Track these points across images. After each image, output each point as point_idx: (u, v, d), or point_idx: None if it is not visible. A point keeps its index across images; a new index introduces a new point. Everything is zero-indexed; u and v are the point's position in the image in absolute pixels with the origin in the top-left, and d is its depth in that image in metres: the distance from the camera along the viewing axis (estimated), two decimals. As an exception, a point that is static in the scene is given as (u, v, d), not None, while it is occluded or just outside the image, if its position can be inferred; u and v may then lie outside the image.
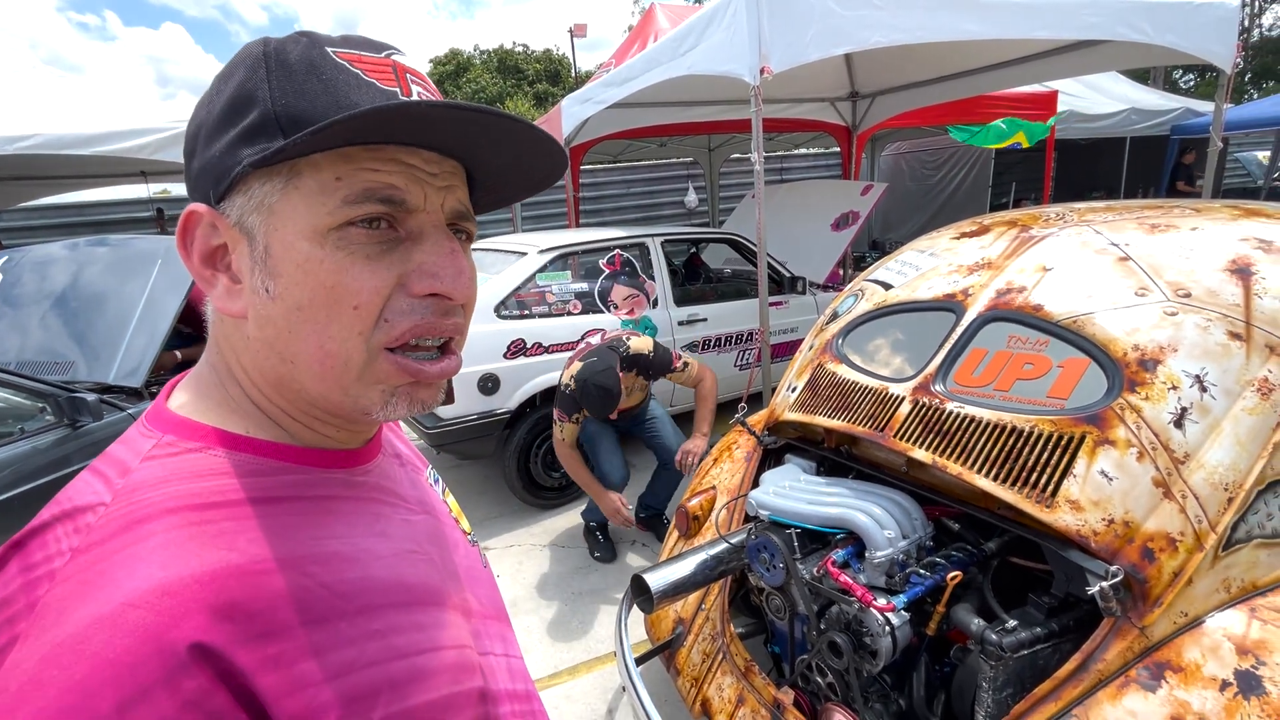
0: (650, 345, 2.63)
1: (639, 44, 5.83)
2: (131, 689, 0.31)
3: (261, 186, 0.40)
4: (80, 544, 0.35)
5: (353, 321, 0.41)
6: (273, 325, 0.42)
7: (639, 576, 1.42)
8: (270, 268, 0.41)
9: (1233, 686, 0.96)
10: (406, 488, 0.53)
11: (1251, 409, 1.13)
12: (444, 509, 0.59)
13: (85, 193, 7.35)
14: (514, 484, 3.31)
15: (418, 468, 0.60)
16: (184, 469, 0.40)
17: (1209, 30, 3.51)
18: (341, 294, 0.40)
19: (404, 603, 0.44)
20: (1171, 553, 1.06)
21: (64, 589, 0.34)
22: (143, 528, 0.36)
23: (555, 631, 2.48)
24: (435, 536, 0.52)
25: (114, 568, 0.34)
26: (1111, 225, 1.55)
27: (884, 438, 1.43)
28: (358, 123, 0.37)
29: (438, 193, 0.44)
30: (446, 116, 0.40)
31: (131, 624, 0.32)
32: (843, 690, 1.32)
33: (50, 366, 2.80)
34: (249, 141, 0.40)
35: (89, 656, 0.31)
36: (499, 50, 22.32)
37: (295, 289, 0.40)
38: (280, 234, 0.40)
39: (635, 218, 9.94)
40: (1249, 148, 10.16)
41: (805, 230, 5.10)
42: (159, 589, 0.34)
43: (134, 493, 0.38)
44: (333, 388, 0.43)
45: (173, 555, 0.35)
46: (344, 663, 0.38)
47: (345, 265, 0.40)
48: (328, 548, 0.42)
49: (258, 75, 0.40)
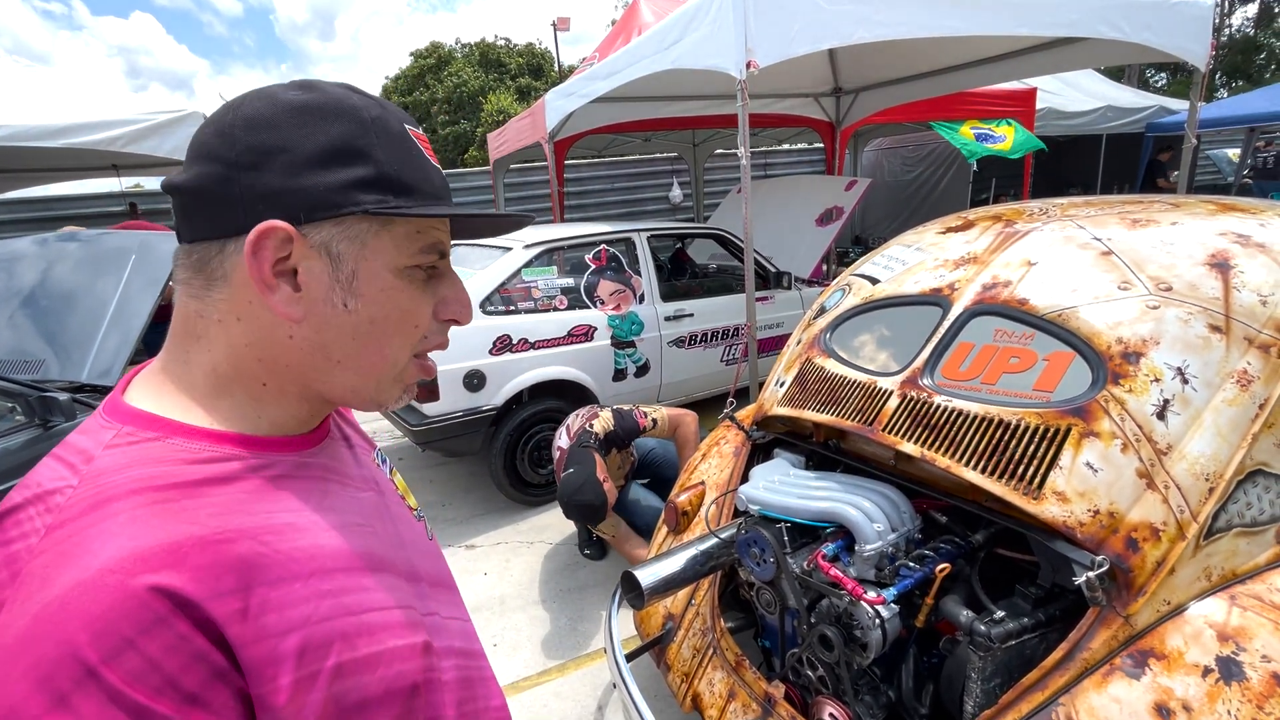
0: (611, 419, 2.58)
1: (623, 38, 5.79)
2: (115, 640, 0.36)
3: (359, 224, 0.48)
4: (53, 521, 0.39)
5: (411, 335, 0.53)
6: (338, 331, 0.49)
7: (629, 573, 1.42)
8: (355, 289, 0.49)
9: (1214, 673, 0.97)
10: (352, 467, 0.59)
11: (1231, 400, 1.15)
12: (390, 486, 0.65)
13: (55, 186, 7.15)
14: (500, 481, 3.29)
15: (365, 449, 0.65)
16: (144, 456, 0.44)
17: (1184, 28, 3.58)
18: (410, 316, 0.52)
19: (351, 568, 0.49)
20: (1155, 542, 1.08)
21: (44, 559, 0.38)
22: (110, 506, 0.40)
23: (545, 629, 2.47)
24: (380, 511, 0.58)
25: (88, 540, 0.38)
26: (1094, 220, 1.57)
27: (872, 432, 1.44)
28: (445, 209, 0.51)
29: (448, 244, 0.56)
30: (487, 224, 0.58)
31: (111, 585, 0.37)
32: (833, 683, 1.33)
33: (20, 365, 2.72)
34: (363, 190, 0.47)
35: (75, 615, 0.35)
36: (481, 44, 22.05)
37: (374, 307, 0.50)
38: (369, 264, 0.49)
39: (620, 213, 9.91)
40: (1220, 145, 10.39)
41: (790, 225, 5.12)
42: (131, 555, 0.38)
43: (99, 477, 0.42)
44: (369, 383, 0.53)
45: (140, 529, 0.39)
46: (300, 617, 0.43)
47: (414, 296, 0.52)
48: (280, 520, 0.47)
49: (368, 137, 0.48)
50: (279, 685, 0.41)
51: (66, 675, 0.34)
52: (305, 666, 0.42)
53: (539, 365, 3.26)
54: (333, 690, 0.43)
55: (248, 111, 0.46)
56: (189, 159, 0.48)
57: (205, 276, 0.48)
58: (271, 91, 0.48)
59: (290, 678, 0.41)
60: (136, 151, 4.43)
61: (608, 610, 1.81)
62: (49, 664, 0.34)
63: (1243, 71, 18.87)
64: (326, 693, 0.43)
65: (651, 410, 2.69)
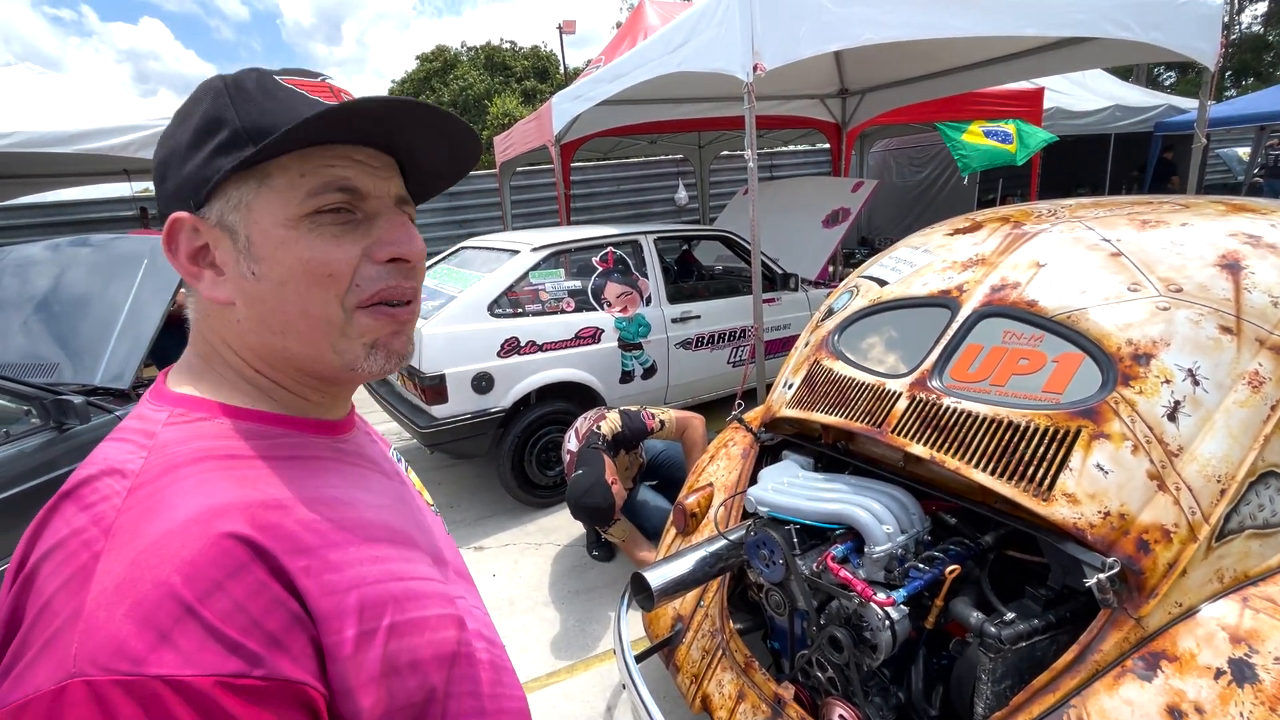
0: (619, 420, 2.58)
1: (629, 40, 5.82)
2: (206, 582, 0.39)
3: (238, 190, 0.48)
4: (133, 484, 0.43)
5: (329, 287, 0.49)
6: (262, 302, 0.49)
7: (639, 574, 1.42)
8: (253, 254, 0.49)
9: (1227, 675, 0.97)
10: (379, 458, 0.62)
11: (1243, 402, 1.15)
12: (409, 481, 0.67)
13: (66, 191, 7.22)
14: (509, 483, 3.30)
15: (383, 446, 0.68)
16: (201, 431, 0.48)
17: (1193, 27, 3.56)
18: (316, 266, 0.49)
19: (392, 539, 0.52)
20: (1166, 544, 1.08)
21: (132, 515, 0.41)
22: (181, 470, 0.44)
23: (553, 630, 2.47)
24: (404, 499, 0.60)
25: (170, 497, 0.42)
26: (1102, 221, 1.57)
27: (881, 433, 1.44)
28: (317, 124, 0.46)
29: (383, 181, 0.52)
30: (375, 112, 0.49)
31: (196, 534, 0.40)
32: (843, 684, 1.33)
33: (34, 369, 2.75)
34: (224, 153, 0.47)
35: (169, 559, 0.38)
36: (486, 47, 22.15)
37: (277, 267, 0.48)
38: (259, 225, 0.48)
39: (626, 215, 9.93)
40: (1230, 144, 10.31)
41: (796, 227, 5.11)
42: (211, 510, 0.41)
43: (165, 448, 0.45)
44: (322, 348, 0.51)
45: (213, 489, 0.43)
46: (358, 578, 0.46)
47: (317, 243, 0.49)
48: (328, 493, 0.50)
49: (222, 102, 0.48)
50: (344, 637, 0.43)
51: (167, 613, 0.37)
52: (365, 622, 0.45)
53: (546, 367, 3.27)
54: (389, 648, 0.45)
55: (160, 137, 0.52)
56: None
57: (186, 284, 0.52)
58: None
59: (354, 630, 0.44)
60: (147, 156, 4.47)
61: (616, 611, 1.82)
62: (150, 604, 0.37)
63: (1253, 70, 18.72)
64: (383, 650, 0.45)
65: (659, 412, 2.69)
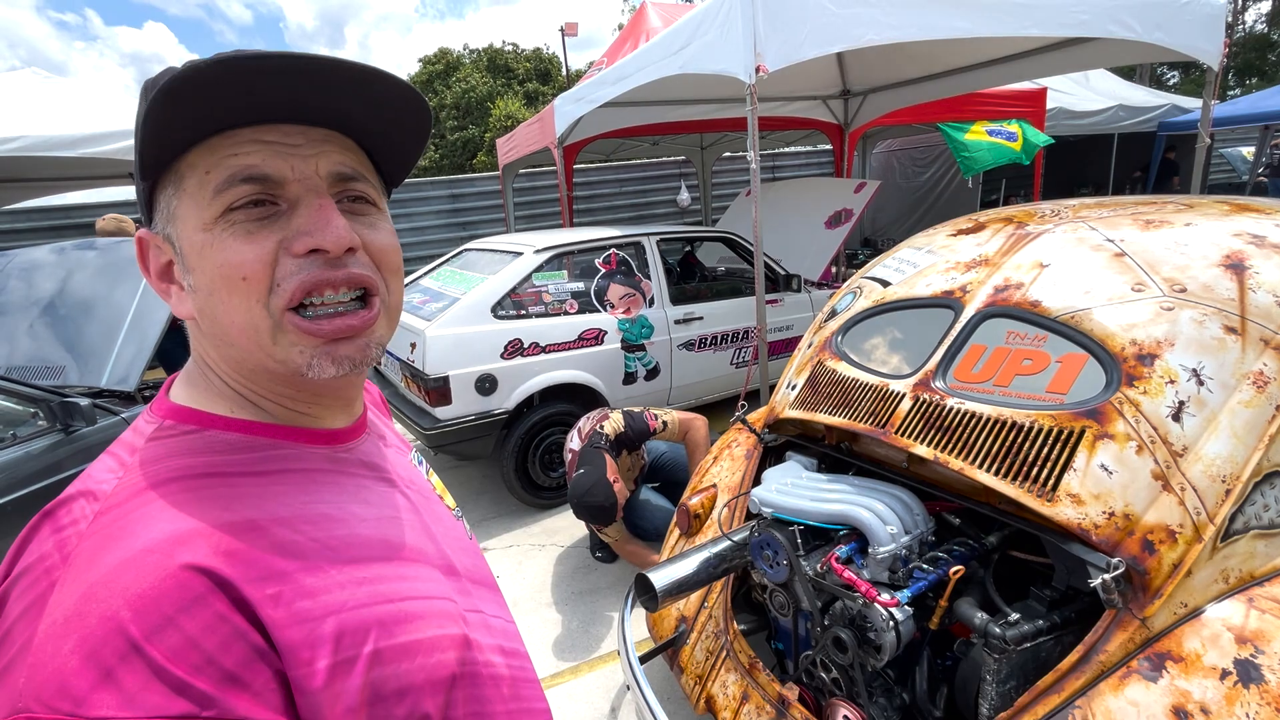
0: (621, 420, 2.59)
1: (631, 42, 5.83)
2: (157, 617, 0.37)
3: (165, 197, 0.46)
4: (101, 508, 0.42)
5: (247, 291, 0.45)
6: (205, 316, 0.47)
7: (643, 575, 1.42)
8: (187, 265, 0.47)
9: (1232, 675, 0.97)
10: (389, 464, 0.59)
11: (1247, 402, 1.15)
12: (428, 485, 0.64)
13: (72, 195, 7.25)
14: (512, 484, 3.30)
15: (401, 449, 0.65)
16: (183, 447, 0.46)
17: (1196, 27, 3.55)
18: (229, 270, 0.45)
19: (388, 557, 0.49)
20: (1171, 544, 1.08)
21: (91, 542, 0.40)
22: (152, 492, 0.42)
23: (557, 631, 2.48)
24: (418, 507, 0.58)
25: (131, 524, 0.40)
26: (1106, 221, 1.57)
27: (885, 434, 1.44)
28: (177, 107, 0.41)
29: (305, 161, 0.47)
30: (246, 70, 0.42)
31: (152, 565, 0.38)
32: (847, 685, 1.33)
33: (41, 372, 2.76)
34: (137, 159, 0.45)
35: (119, 592, 0.37)
36: (489, 49, 22.18)
37: (203, 277, 0.46)
38: (185, 233, 0.46)
39: (628, 217, 9.93)
40: (1234, 144, 10.28)
41: (799, 228, 5.11)
42: (172, 537, 0.40)
43: (142, 467, 0.44)
44: (261, 356, 0.48)
45: (179, 513, 0.41)
46: (337, 603, 0.44)
47: (227, 244, 0.45)
48: (315, 510, 0.47)
49: (141, 106, 0.43)
50: (315, 669, 0.41)
51: (112, 650, 0.35)
52: (343, 651, 0.42)
53: (550, 369, 3.27)
54: (371, 676, 0.43)
55: None
56: None
57: None
58: None
59: (327, 661, 0.41)
60: (153, 160, 4.49)
61: (620, 613, 1.82)
62: (95, 640, 0.35)
63: (1257, 69, 18.66)
64: (364, 678, 0.43)
65: (662, 413, 2.69)
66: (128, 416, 2.50)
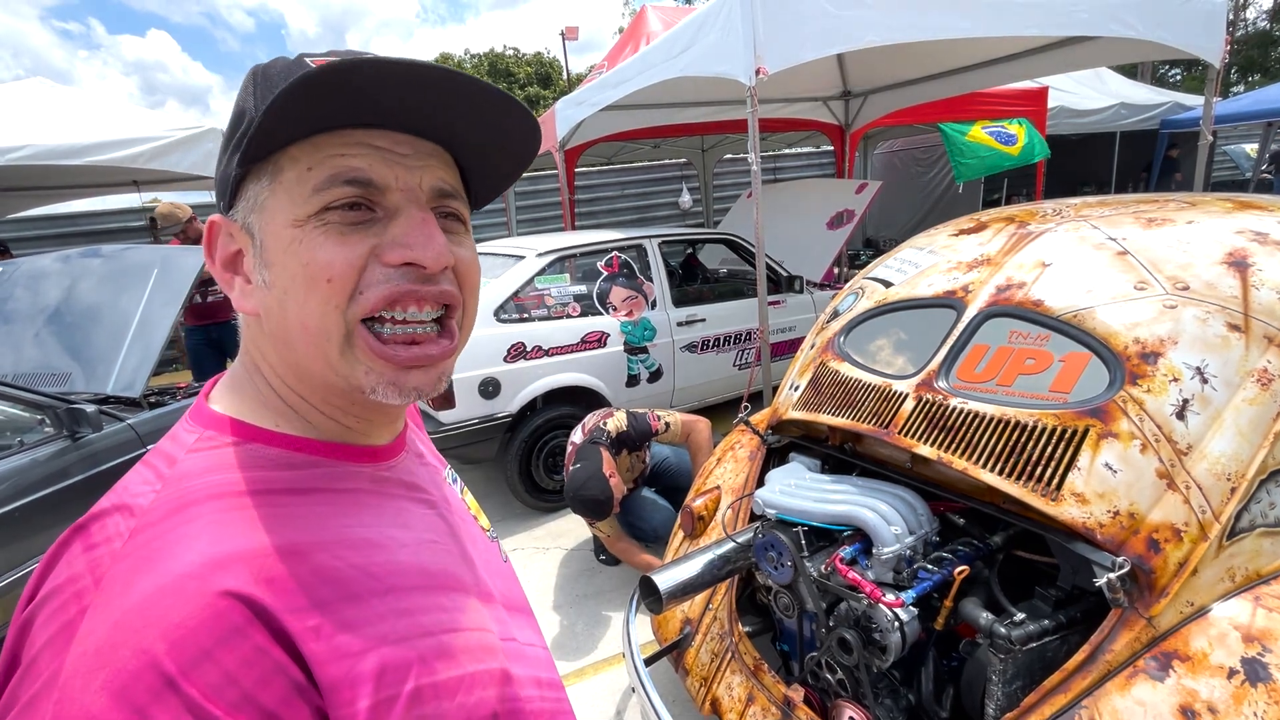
0: (625, 420, 2.59)
1: (631, 46, 5.84)
2: (194, 651, 0.34)
3: (255, 187, 0.44)
4: (136, 525, 0.39)
5: (328, 295, 0.43)
6: (272, 314, 0.45)
7: (647, 577, 1.42)
8: (265, 259, 0.44)
9: (1240, 674, 0.97)
10: (428, 484, 0.56)
11: (1252, 399, 1.15)
12: (462, 506, 0.61)
13: (77, 203, 7.30)
14: (516, 487, 3.31)
15: (436, 468, 0.62)
16: (224, 461, 0.43)
17: (1197, 25, 3.54)
18: (315, 270, 0.43)
19: (427, 586, 0.47)
20: (1176, 543, 1.08)
21: (126, 564, 0.37)
22: (191, 510, 0.40)
23: (562, 634, 2.48)
24: (454, 531, 0.55)
25: (169, 545, 0.38)
26: (1108, 220, 1.57)
27: (888, 434, 1.44)
28: (296, 102, 0.39)
29: (411, 171, 0.45)
30: (371, 75, 0.40)
31: (191, 592, 0.36)
32: (852, 686, 1.33)
33: (47, 378, 2.78)
34: (238, 147, 0.43)
35: (155, 621, 0.35)
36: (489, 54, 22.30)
37: (282, 273, 0.43)
38: (270, 227, 0.44)
39: (630, 219, 9.94)
40: (1236, 141, 10.25)
41: (801, 229, 5.12)
42: (211, 562, 0.37)
43: (181, 481, 0.42)
44: (323, 366, 0.45)
45: (220, 534, 0.39)
46: (378, 636, 0.41)
47: (320, 242, 0.43)
48: (357, 534, 0.45)
49: (248, 91, 0.44)
50: (357, 709, 0.38)
51: (144, 687, 0.33)
52: (383, 690, 0.40)
53: (553, 372, 3.28)
54: (410, 716, 0.41)
55: None
56: None
57: None
58: None
59: (369, 701, 0.39)
60: (156, 168, 4.52)
61: (625, 615, 1.82)
62: (128, 675, 0.33)
63: (1259, 66, 18.61)
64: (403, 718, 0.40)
65: (666, 414, 2.70)
66: (133, 422, 2.52)
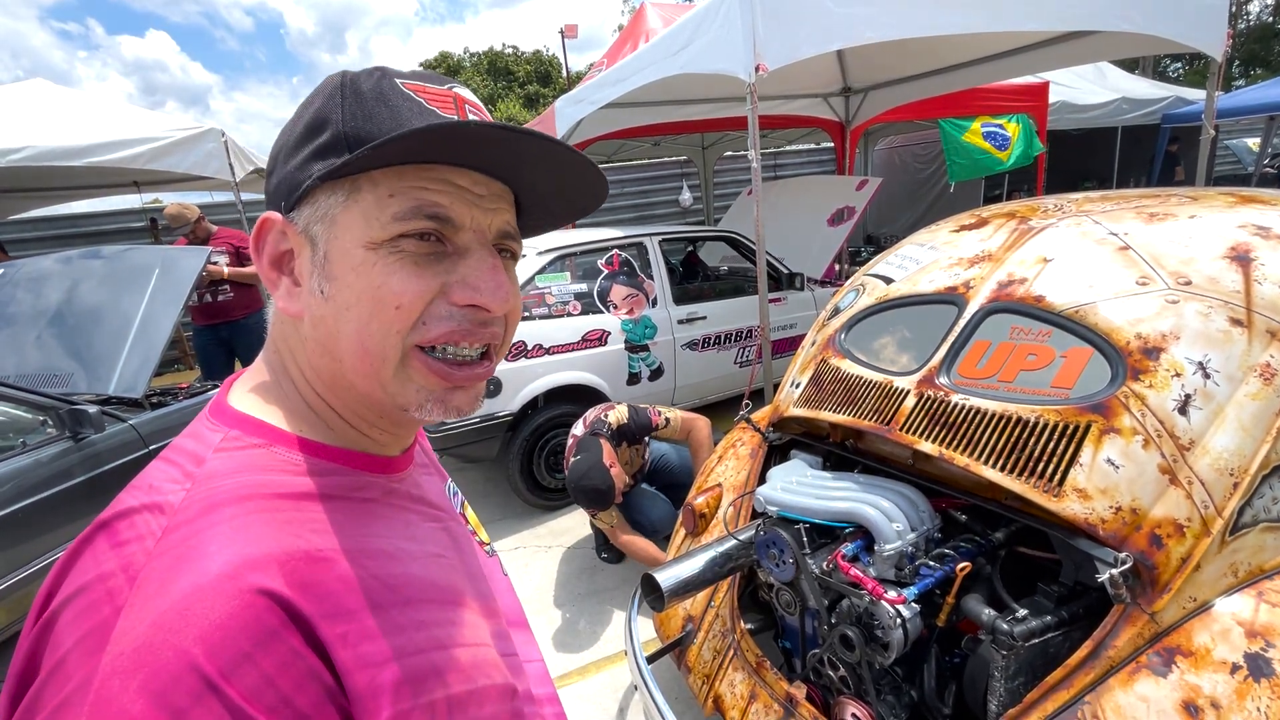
0: (626, 413, 2.61)
1: (631, 43, 5.83)
2: (234, 653, 0.34)
3: (327, 199, 0.45)
4: (169, 524, 0.38)
5: (393, 320, 0.44)
6: (324, 325, 0.46)
7: (649, 575, 1.42)
8: (328, 272, 0.45)
9: (1243, 669, 0.96)
10: (434, 498, 0.56)
11: (1254, 394, 1.14)
12: (463, 520, 0.61)
13: (77, 204, 7.31)
14: (518, 486, 3.31)
15: (438, 480, 0.62)
16: (251, 462, 0.43)
17: (1199, 18, 3.53)
18: (386, 294, 0.44)
19: (437, 600, 0.47)
20: (1179, 539, 1.07)
21: (161, 562, 0.36)
22: (223, 510, 0.39)
23: (564, 632, 2.48)
24: (458, 545, 0.55)
25: (204, 543, 0.37)
26: (1110, 215, 1.56)
27: (890, 431, 1.44)
28: (411, 141, 0.41)
29: (485, 213, 0.47)
30: (488, 136, 0.43)
31: (229, 592, 0.35)
32: (855, 683, 1.33)
33: (49, 379, 2.78)
34: (320, 157, 0.44)
35: (195, 622, 0.34)
36: (489, 52, 22.28)
37: (347, 290, 0.44)
38: (339, 242, 0.44)
39: (630, 217, 9.93)
40: (1239, 135, 10.21)
41: (801, 226, 5.11)
42: (248, 562, 0.37)
43: (211, 480, 0.41)
44: (373, 384, 0.46)
45: (254, 535, 0.39)
46: (398, 647, 0.41)
47: (395, 269, 0.44)
48: (373, 544, 0.45)
49: (334, 101, 0.45)
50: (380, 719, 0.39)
51: (186, 690, 0.33)
52: (400, 702, 0.40)
53: (554, 370, 3.28)
54: None
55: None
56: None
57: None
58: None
59: (389, 712, 0.39)
60: (156, 168, 4.53)
61: (627, 613, 1.82)
62: (167, 677, 0.33)
63: (1261, 60, 18.54)
64: None
65: (666, 410, 2.71)
66: (135, 423, 2.52)
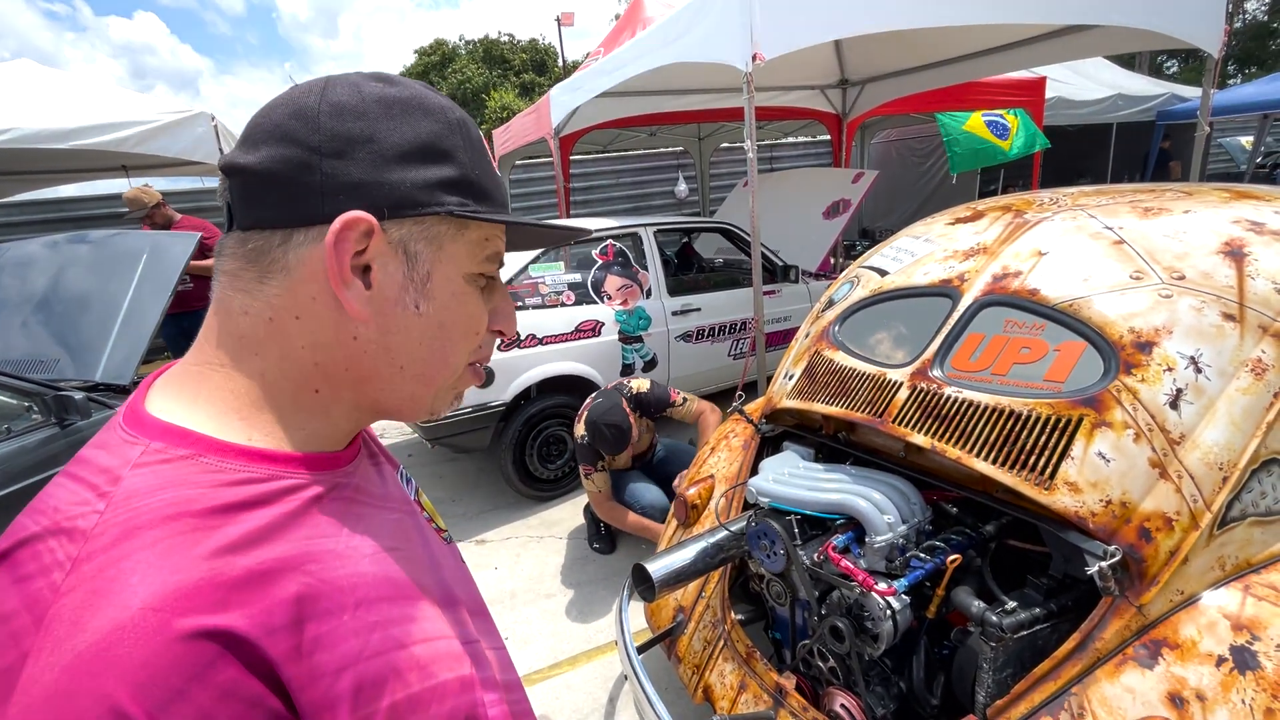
0: (648, 384, 2.68)
1: (628, 32, 5.77)
2: (163, 692, 0.31)
3: (437, 225, 0.47)
4: (80, 553, 0.34)
5: (470, 343, 0.52)
6: (405, 335, 0.48)
7: (640, 565, 1.42)
8: (428, 291, 0.48)
9: (1228, 662, 0.97)
10: (381, 487, 0.55)
11: (1245, 389, 1.15)
12: (417, 508, 0.60)
13: (64, 188, 7.21)
14: (510, 476, 3.30)
15: (390, 468, 0.61)
16: (177, 477, 0.39)
17: (1196, 14, 3.53)
18: (472, 322, 0.51)
19: (393, 596, 0.46)
20: (1168, 532, 1.08)
21: (73, 599, 0.33)
22: (145, 534, 0.35)
23: (555, 622, 2.48)
24: (411, 534, 0.54)
25: (124, 574, 0.34)
26: (1105, 209, 1.56)
27: (882, 423, 1.44)
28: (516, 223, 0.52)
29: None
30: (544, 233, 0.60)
31: (154, 626, 0.32)
32: (844, 674, 1.33)
33: (35, 365, 2.75)
34: (448, 190, 0.47)
35: (116, 662, 0.31)
36: (484, 40, 22.06)
37: (444, 312, 0.49)
38: (444, 267, 0.48)
39: (625, 208, 9.89)
40: (1233, 132, 10.25)
41: (797, 218, 5.09)
42: (175, 591, 0.34)
43: (130, 500, 0.37)
44: (430, 391, 0.51)
45: (180, 560, 0.35)
46: (352, 654, 0.40)
47: (477, 300, 0.51)
48: (321, 546, 0.43)
49: (455, 140, 0.48)
50: None
51: None
52: (360, 708, 0.39)
53: (547, 361, 3.27)
54: None
55: (334, 97, 0.44)
56: (256, 140, 0.43)
57: (260, 268, 0.44)
58: (354, 80, 0.46)
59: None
60: (145, 152, 4.45)
61: (618, 603, 1.82)
62: None
63: (1256, 58, 18.60)
64: None
65: (684, 393, 2.76)
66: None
